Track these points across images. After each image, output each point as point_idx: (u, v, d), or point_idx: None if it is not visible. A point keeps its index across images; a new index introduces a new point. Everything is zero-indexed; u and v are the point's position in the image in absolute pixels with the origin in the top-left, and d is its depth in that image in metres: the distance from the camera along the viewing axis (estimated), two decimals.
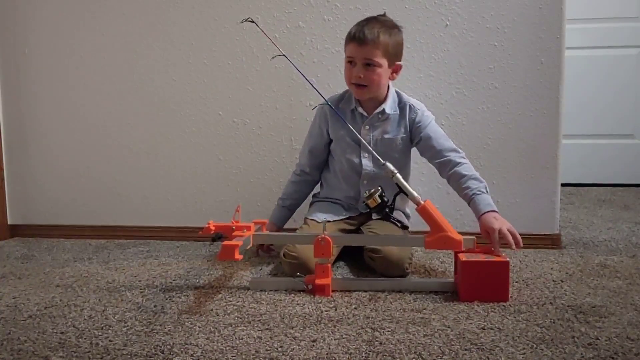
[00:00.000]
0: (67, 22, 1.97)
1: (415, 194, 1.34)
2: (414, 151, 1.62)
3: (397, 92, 1.60)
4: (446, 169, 1.50)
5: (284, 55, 1.46)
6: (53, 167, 2.05)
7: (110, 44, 1.96)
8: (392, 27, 1.51)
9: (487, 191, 1.44)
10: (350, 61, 1.50)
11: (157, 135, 1.97)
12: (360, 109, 1.57)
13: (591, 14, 2.91)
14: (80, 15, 1.96)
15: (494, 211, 1.39)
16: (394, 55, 1.51)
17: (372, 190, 1.35)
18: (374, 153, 1.43)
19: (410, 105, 1.58)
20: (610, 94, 2.96)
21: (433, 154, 1.54)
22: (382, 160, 1.38)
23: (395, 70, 1.54)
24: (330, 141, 1.63)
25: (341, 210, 1.62)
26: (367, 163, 1.57)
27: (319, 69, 1.74)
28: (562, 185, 1.82)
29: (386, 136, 1.56)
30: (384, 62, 1.49)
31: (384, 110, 1.56)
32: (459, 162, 1.50)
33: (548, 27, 1.73)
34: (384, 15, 1.55)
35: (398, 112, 1.57)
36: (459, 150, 1.54)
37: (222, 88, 1.91)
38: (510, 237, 1.32)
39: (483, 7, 1.75)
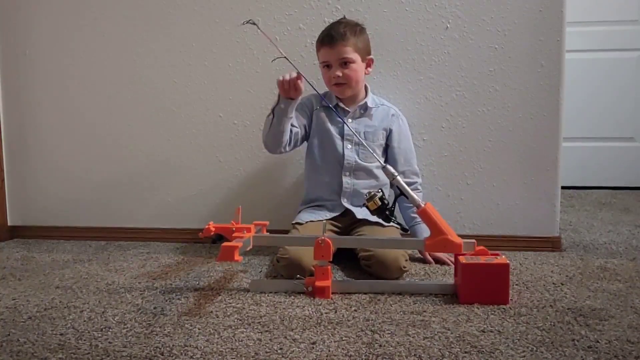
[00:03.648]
0: (68, 23, 1.98)
1: (415, 196, 1.34)
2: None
3: (375, 96, 1.70)
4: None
5: (285, 57, 1.47)
6: (53, 169, 2.05)
7: (110, 45, 1.96)
8: (355, 25, 1.62)
9: None
10: (326, 65, 1.60)
11: (157, 137, 1.97)
12: (342, 105, 1.66)
13: (591, 17, 2.91)
14: (81, 16, 1.97)
15: None
16: (364, 50, 1.62)
17: (372, 193, 1.35)
18: (369, 149, 1.47)
19: (394, 113, 1.69)
20: (611, 96, 2.96)
21: (396, 165, 1.62)
22: (382, 163, 1.38)
23: (369, 64, 1.65)
24: (309, 129, 1.68)
25: (325, 212, 1.64)
26: (349, 154, 1.63)
27: (319, 70, 1.73)
28: (562, 188, 1.82)
29: (369, 129, 1.64)
30: (356, 57, 1.59)
31: (366, 103, 1.65)
32: (416, 188, 1.66)
33: (548, 30, 1.73)
34: (344, 18, 1.66)
35: (379, 108, 1.67)
36: (419, 174, 1.69)
37: (223, 90, 1.91)
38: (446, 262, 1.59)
39: (483, 10, 1.76)
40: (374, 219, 1.50)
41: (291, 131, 1.60)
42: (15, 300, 1.33)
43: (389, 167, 1.37)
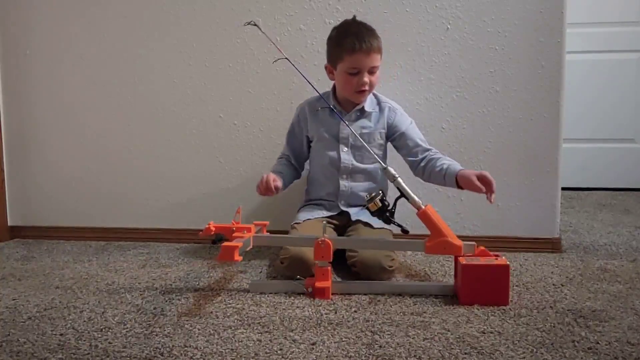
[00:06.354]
0: (69, 24, 1.98)
1: (416, 198, 1.34)
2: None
3: (374, 93, 1.65)
4: (421, 162, 1.57)
5: (286, 58, 1.47)
6: (53, 169, 2.05)
7: (111, 46, 1.96)
8: (373, 28, 1.56)
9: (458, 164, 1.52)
10: (354, 72, 1.52)
11: (158, 137, 1.97)
12: (339, 107, 1.62)
13: (592, 19, 2.91)
14: (81, 17, 1.97)
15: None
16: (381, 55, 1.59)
17: (373, 194, 1.35)
18: (370, 151, 1.45)
19: (389, 106, 1.64)
20: (611, 98, 2.96)
21: (409, 151, 1.60)
22: (383, 164, 1.39)
23: None
24: (310, 141, 1.68)
25: (322, 210, 1.64)
26: (345, 157, 1.62)
27: (319, 71, 1.73)
28: (563, 189, 1.82)
29: (365, 131, 1.61)
30: (380, 63, 1.56)
31: (363, 108, 1.61)
32: (433, 154, 1.57)
33: (549, 31, 1.73)
34: (356, 19, 1.60)
35: (377, 111, 1.64)
36: (434, 149, 1.60)
37: (223, 90, 1.92)
38: (492, 181, 1.40)
39: (484, 11, 1.76)
40: (367, 219, 1.54)
41: (296, 169, 1.70)
42: (15, 300, 1.33)
43: (389, 169, 1.37)
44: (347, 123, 1.57)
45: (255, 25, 1.48)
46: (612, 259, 1.65)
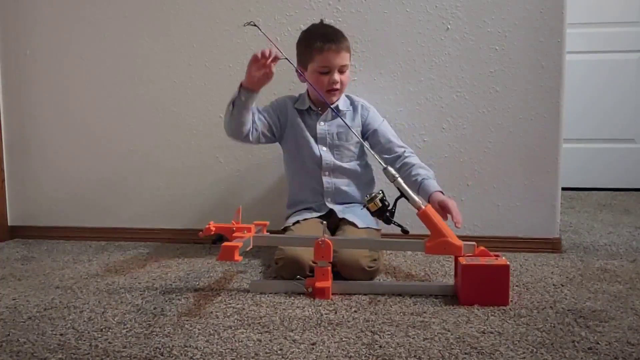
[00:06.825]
0: (69, 24, 1.98)
1: (416, 198, 1.34)
2: None
3: (347, 95, 1.68)
4: (395, 162, 1.58)
5: (286, 58, 1.47)
6: (53, 169, 2.05)
7: (111, 46, 1.96)
8: (341, 30, 1.61)
9: (434, 179, 1.52)
10: (324, 71, 1.55)
11: (158, 137, 1.97)
12: (314, 108, 1.65)
13: (592, 19, 2.91)
14: (82, 17, 1.97)
15: (442, 192, 1.48)
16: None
17: (373, 194, 1.35)
18: (369, 148, 1.47)
19: (362, 105, 1.68)
20: (611, 98, 2.96)
21: (382, 148, 1.62)
22: (383, 164, 1.38)
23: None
24: (280, 130, 1.66)
25: (312, 212, 1.65)
26: (326, 155, 1.63)
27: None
28: (563, 189, 1.82)
29: (342, 129, 1.63)
30: (349, 63, 1.60)
31: (337, 107, 1.63)
32: (408, 156, 1.59)
33: (549, 31, 1.73)
34: (324, 22, 1.65)
35: (351, 110, 1.66)
36: (407, 147, 1.63)
37: (223, 90, 1.91)
38: (458, 212, 1.40)
39: (484, 11, 1.76)
40: (352, 218, 1.56)
41: (255, 123, 1.60)
42: (15, 300, 1.33)
43: (389, 168, 1.37)
44: (320, 125, 1.62)
45: (255, 25, 1.48)
46: (612, 259, 1.65)
